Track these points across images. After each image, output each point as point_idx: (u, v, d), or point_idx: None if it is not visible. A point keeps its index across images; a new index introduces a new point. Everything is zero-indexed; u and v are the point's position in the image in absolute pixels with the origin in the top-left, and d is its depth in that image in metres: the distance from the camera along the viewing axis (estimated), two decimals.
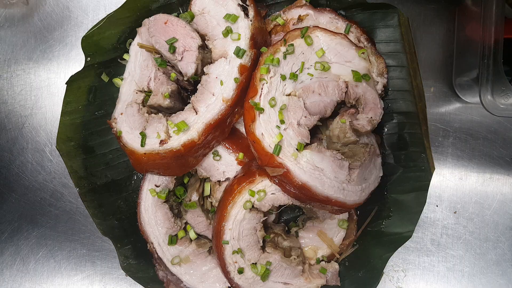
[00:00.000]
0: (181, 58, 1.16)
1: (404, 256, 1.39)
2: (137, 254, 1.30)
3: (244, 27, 1.14)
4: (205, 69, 1.15)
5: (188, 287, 1.25)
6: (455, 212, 1.39)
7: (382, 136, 1.28)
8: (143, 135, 1.14)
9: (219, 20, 1.16)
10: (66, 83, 1.27)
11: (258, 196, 1.13)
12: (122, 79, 1.26)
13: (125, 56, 1.27)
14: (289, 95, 1.12)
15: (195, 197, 1.24)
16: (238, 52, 1.12)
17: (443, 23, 1.40)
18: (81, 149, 1.29)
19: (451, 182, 1.40)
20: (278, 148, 1.07)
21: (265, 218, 1.18)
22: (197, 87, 1.15)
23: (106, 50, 1.27)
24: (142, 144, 1.14)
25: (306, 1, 1.26)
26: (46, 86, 1.43)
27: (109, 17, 1.26)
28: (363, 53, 1.14)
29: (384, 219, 1.26)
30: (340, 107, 1.20)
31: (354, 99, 1.14)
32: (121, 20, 1.27)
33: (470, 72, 1.27)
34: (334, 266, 1.24)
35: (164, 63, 1.19)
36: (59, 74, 1.43)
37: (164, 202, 1.24)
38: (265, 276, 1.15)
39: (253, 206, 1.14)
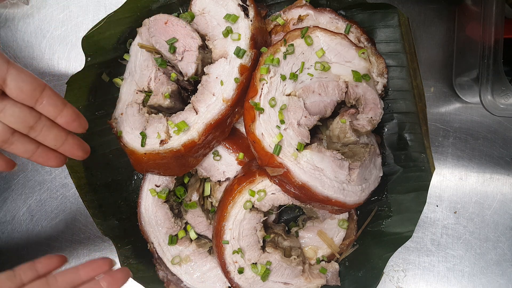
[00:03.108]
0: (181, 58, 1.16)
1: (404, 256, 1.39)
2: (137, 254, 1.30)
3: (244, 27, 1.14)
4: (205, 69, 1.15)
5: (188, 287, 1.25)
6: (455, 212, 1.39)
7: (382, 136, 1.28)
8: (143, 135, 1.14)
9: (219, 20, 1.16)
10: (66, 83, 1.26)
11: (258, 196, 1.13)
12: (122, 79, 1.26)
13: (126, 56, 1.27)
14: (289, 95, 1.12)
15: (195, 197, 1.24)
16: (238, 52, 1.12)
17: (443, 23, 1.40)
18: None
19: (451, 182, 1.40)
20: (278, 148, 1.07)
21: (265, 218, 1.18)
22: (197, 87, 1.15)
23: (106, 50, 1.27)
24: (143, 144, 1.14)
25: (306, 1, 1.26)
26: None
27: (109, 17, 1.26)
28: (363, 53, 1.14)
29: (384, 219, 1.26)
30: (340, 107, 1.20)
31: (354, 99, 1.14)
32: (121, 20, 1.26)
33: (470, 72, 1.27)
34: (334, 266, 1.24)
35: (164, 63, 1.19)
36: (59, 74, 1.43)
37: (164, 202, 1.24)
38: (265, 276, 1.15)
39: (253, 206, 1.15)
